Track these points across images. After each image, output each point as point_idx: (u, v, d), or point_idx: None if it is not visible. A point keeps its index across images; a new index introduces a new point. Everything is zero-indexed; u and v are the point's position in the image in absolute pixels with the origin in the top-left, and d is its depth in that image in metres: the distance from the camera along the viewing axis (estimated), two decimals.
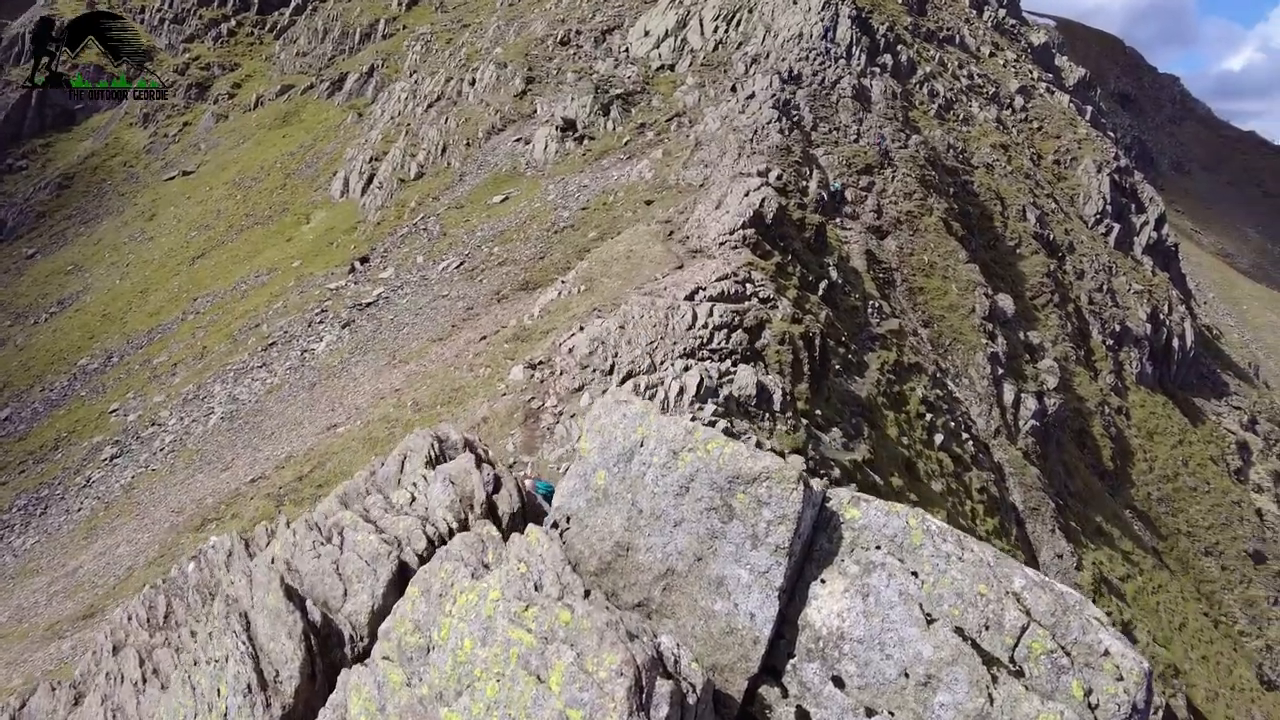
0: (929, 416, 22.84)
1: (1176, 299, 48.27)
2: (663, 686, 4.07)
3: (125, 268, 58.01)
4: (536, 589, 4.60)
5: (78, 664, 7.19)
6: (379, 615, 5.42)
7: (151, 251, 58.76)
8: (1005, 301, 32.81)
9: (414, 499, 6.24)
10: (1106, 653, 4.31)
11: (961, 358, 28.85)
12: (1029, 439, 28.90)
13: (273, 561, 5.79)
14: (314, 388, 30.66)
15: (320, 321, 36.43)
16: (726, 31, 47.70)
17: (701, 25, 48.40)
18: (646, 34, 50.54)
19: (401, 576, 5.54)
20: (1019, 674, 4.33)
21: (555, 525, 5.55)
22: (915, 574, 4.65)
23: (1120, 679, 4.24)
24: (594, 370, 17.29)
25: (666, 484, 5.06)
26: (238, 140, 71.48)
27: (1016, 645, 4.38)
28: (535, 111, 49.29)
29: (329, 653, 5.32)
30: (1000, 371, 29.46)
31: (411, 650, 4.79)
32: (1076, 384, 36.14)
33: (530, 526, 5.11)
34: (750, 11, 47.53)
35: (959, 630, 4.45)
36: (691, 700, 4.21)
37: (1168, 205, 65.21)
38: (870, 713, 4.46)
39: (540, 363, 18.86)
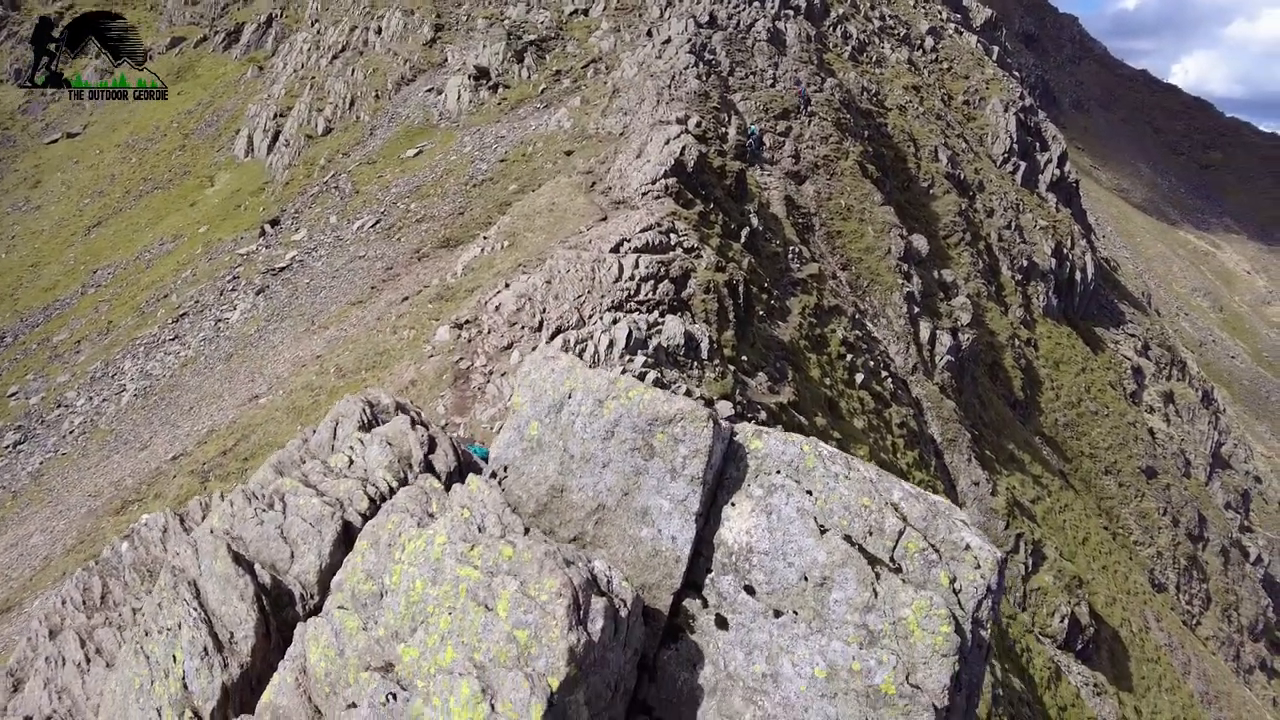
0: (849, 357, 23.63)
1: (1078, 234, 50.67)
2: (597, 603, 4.52)
3: (10, 240, 54.14)
4: (480, 530, 4.95)
5: (11, 654, 6.98)
6: (328, 573, 5.65)
7: (39, 222, 54.93)
8: (920, 242, 33.87)
9: (352, 462, 6.42)
10: (967, 547, 5.07)
11: (879, 298, 29.79)
12: (945, 374, 30.23)
13: (212, 532, 5.83)
14: (231, 358, 29.59)
15: (233, 289, 34.97)
16: None
17: None
18: None
19: (346, 536, 5.75)
20: (898, 570, 5.04)
21: (494, 475, 5.94)
22: (809, 492, 5.29)
23: (978, 567, 5.01)
24: (522, 327, 17.24)
25: (594, 430, 5.53)
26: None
27: (895, 546, 5.10)
28: (446, 60, 47.65)
29: (281, 611, 5.51)
30: (916, 310, 30.58)
31: (365, 597, 5.05)
32: (988, 319, 37.81)
33: (470, 476, 5.50)
34: None
35: (847, 538, 5.12)
36: (624, 614, 4.71)
37: (1069, 143, 67.93)
38: (778, 614, 5.07)
39: (466, 322, 18.66)
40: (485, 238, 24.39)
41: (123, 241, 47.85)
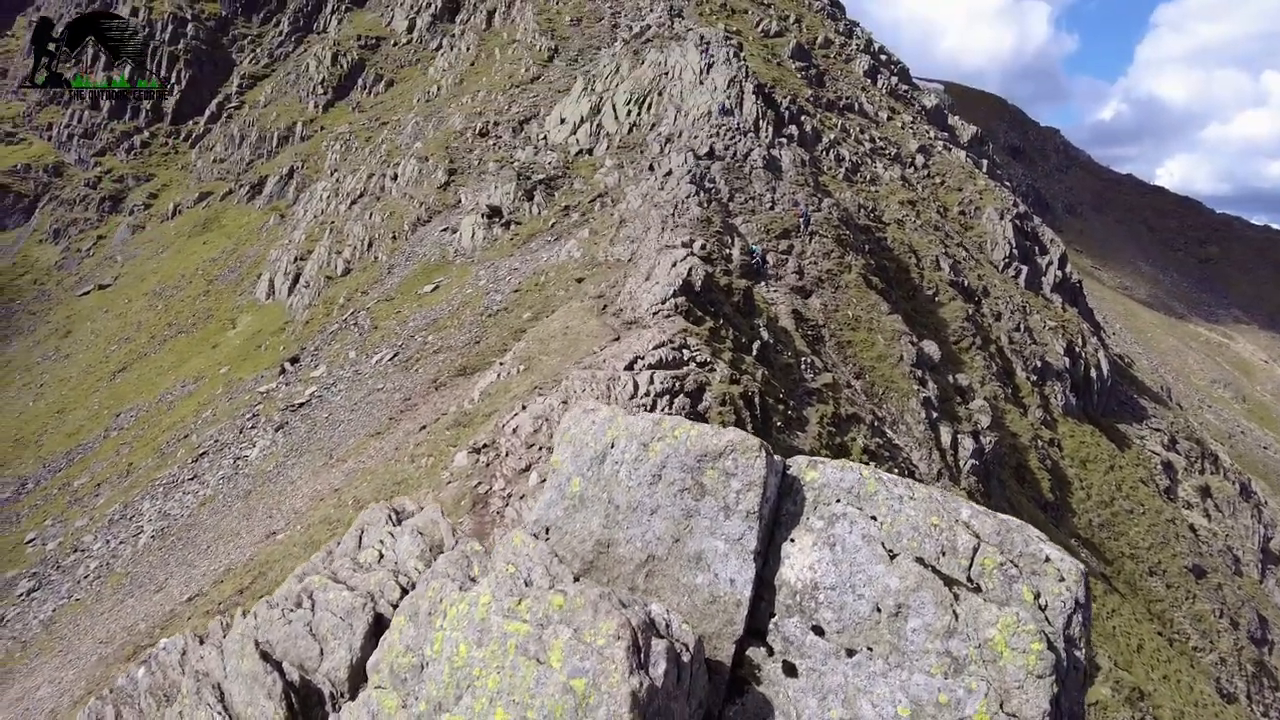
0: (872, 465, 23.32)
1: (1088, 331, 50.95)
2: (658, 645, 4.26)
3: (39, 388, 55.44)
4: (527, 584, 4.74)
5: None
6: (358, 669, 5.38)
7: (68, 369, 56.41)
8: (931, 347, 34.11)
9: (382, 555, 6.27)
10: (1048, 559, 4.77)
11: (896, 405, 29.70)
12: (971, 478, 29.67)
13: (241, 633, 5.66)
14: (249, 495, 29.52)
15: (252, 427, 35.34)
16: (639, 114, 49.67)
17: (615, 110, 50.31)
18: (563, 121, 52.23)
19: (378, 628, 5.55)
20: (976, 589, 4.73)
21: (535, 537, 5.76)
22: (874, 518, 5.02)
23: (1062, 579, 4.70)
24: (540, 449, 17.22)
25: (640, 476, 5.30)
26: (156, 250, 70.13)
27: (971, 564, 4.80)
28: (460, 201, 49.98)
29: (309, 711, 5.27)
30: (935, 415, 30.39)
31: (405, 672, 4.77)
32: (1008, 421, 37.47)
33: (513, 531, 5.31)
34: (660, 94, 49.71)
35: (919, 560, 4.83)
36: (686, 659, 4.44)
37: (1067, 246, 69.43)
38: (851, 652, 4.76)
39: (484, 446, 18.69)
40: (501, 363, 24.78)
41: (146, 385, 48.87)
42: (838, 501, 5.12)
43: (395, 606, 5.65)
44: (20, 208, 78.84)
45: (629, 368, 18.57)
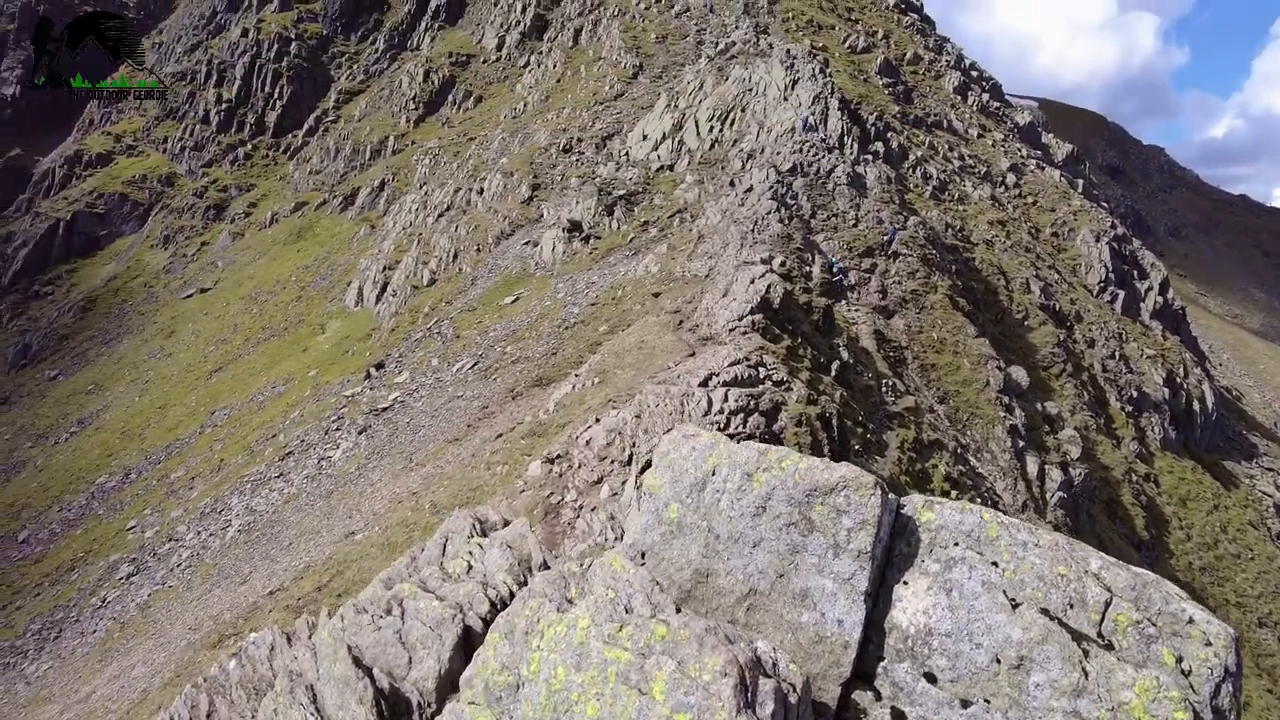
0: (954, 494, 22.45)
1: (1191, 361, 48.03)
2: (765, 685, 4.14)
3: (144, 385, 58.92)
4: (627, 611, 4.67)
5: None
6: (446, 680, 5.43)
7: (170, 368, 59.79)
8: (1019, 373, 32.72)
9: (470, 567, 6.31)
10: (1191, 620, 4.36)
11: (981, 432, 28.57)
12: (1058, 511, 28.24)
13: (331, 635, 5.83)
14: (331, 495, 30.54)
15: (337, 429, 36.62)
16: (721, 130, 49.62)
17: (697, 126, 50.40)
18: (645, 138, 52.62)
19: (467, 640, 5.59)
20: (1109, 647, 4.38)
21: (631, 561, 5.70)
22: (995, 564, 4.78)
23: (1209, 644, 4.29)
24: (612, 461, 17.22)
25: (742, 507, 5.17)
26: (254, 256, 73.79)
27: (1102, 620, 4.45)
28: (542, 216, 50.87)
29: (397, 718, 5.37)
30: (1021, 444, 29.10)
31: (500, 689, 4.73)
32: (1100, 453, 35.57)
33: (609, 554, 5.20)
34: (743, 110, 49.56)
35: (1044, 611, 4.53)
36: (793, 699, 4.32)
37: (1169, 270, 65.77)
38: (966, 704, 4.52)
39: (557, 457, 18.81)
40: (576, 375, 24.96)
41: (239, 385, 51.31)
42: (956, 545, 4.90)
43: (484, 620, 5.66)
44: (136, 215, 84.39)
45: (703, 384, 18.41)
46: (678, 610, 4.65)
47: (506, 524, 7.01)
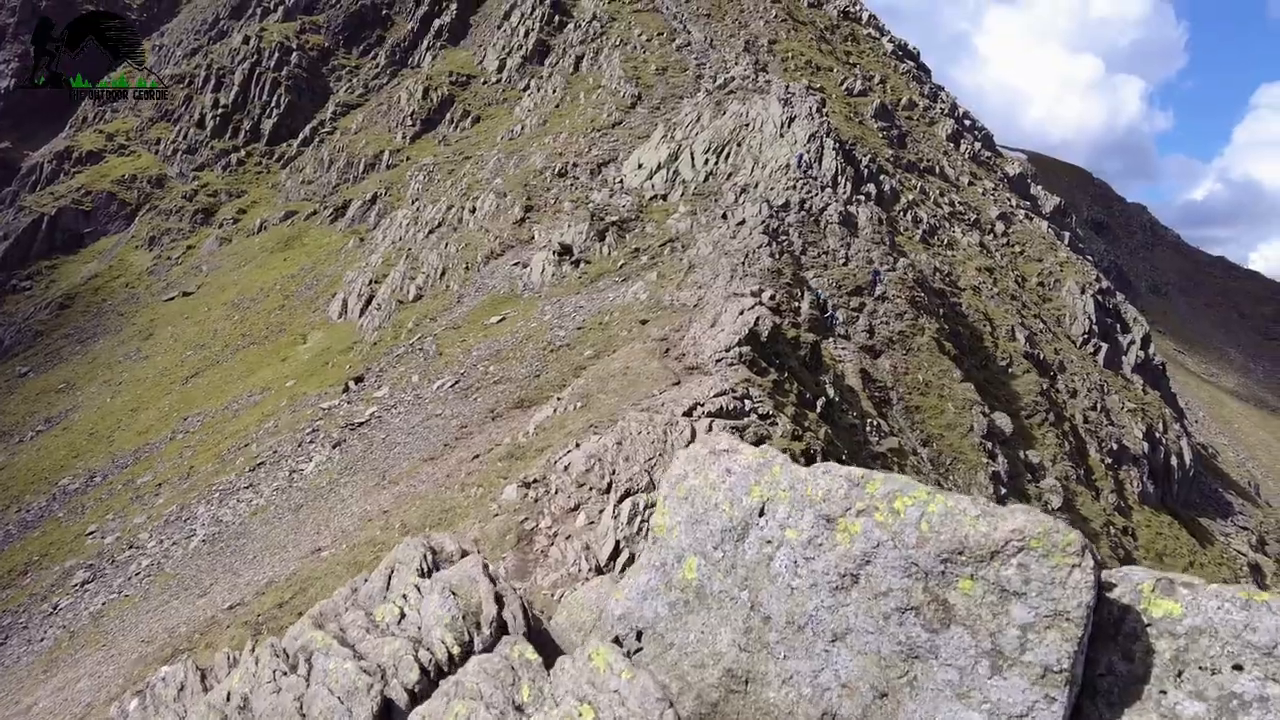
0: None
1: (1170, 417, 48.35)
2: None
3: (118, 386, 57.77)
4: None
5: None
6: None
7: (145, 370, 58.71)
8: (1002, 420, 32.70)
9: (403, 615, 5.01)
10: None
11: (963, 477, 28.40)
12: None
13: (228, 698, 4.65)
14: (300, 509, 29.77)
15: (311, 441, 35.87)
16: (717, 163, 49.88)
17: (692, 158, 50.65)
18: (640, 166, 52.81)
19: (386, 717, 4.32)
20: None
21: (617, 642, 3.71)
22: None
23: None
24: (590, 489, 16.80)
25: (816, 571, 3.21)
26: (239, 263, 73.06)
27: None
28: (533, 238, 50.72)
29: None
30: (1004, 491, 28.94)
31: None
32: (1079, 504, 35.49)
33: (594, 643, 3.47)
34: (739, 145, 49.90)
35: None
36: None
37: (1150, 327, 66.55)
38: None
39: (534, 481, 18.35)
40: (559, 399, 24.58)
41: (215, 391, 50.39)
42: (1236, 668, 2.74)
43: (410, 693, 4.31)
44: (123, 215, 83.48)
45: (688, 414, 18.10)
46: None
47: (465, 554, 6.15)
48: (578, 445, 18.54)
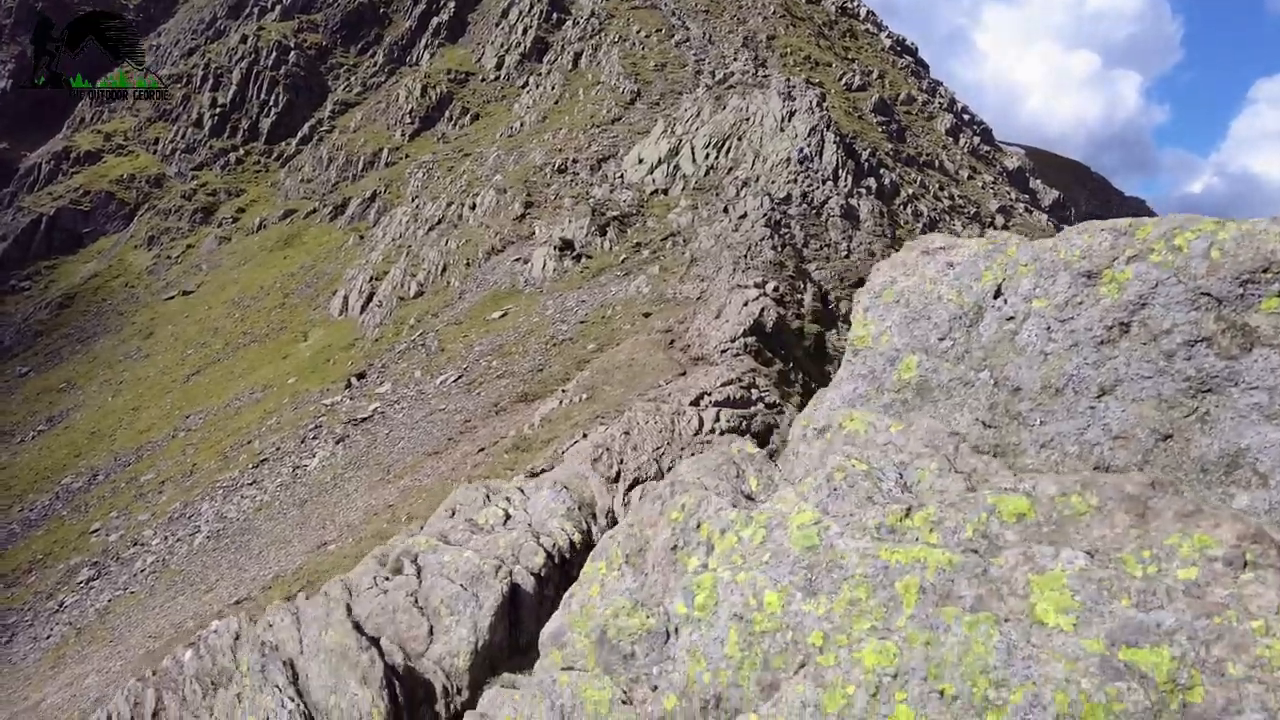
0: None
1: None
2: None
3: (118, 385, 57.73)
4: (906, 490, 2.77)
5: None
6: (484, 657, 3.90)
7: (146, 369, 58.67)
8: None
9: (509, 516, 4.76)
10: None
11: None
12: None
13: (325, 594, 4.40)
14: (305, 505, 29.79)
15: (314, 437, 35.88)
16: (717, 158, 49.88)
17: (693, 152, 50.64)
18: (640, 161, 52.80)
19: (514, 604, 4.08)
20: None
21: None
22: None
23: None
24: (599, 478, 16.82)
25: (1077, 330, 3.00)
26: (239, 261, 72.99)
27: None
28: (534, 233, 50.70)
29: (415, 709, 3.81)
30: None
31: (632, 641, 2.93)
32: None
33: (838, 411, 3.21)
34: (740, 139, 49.90)
35: None
36: None
37: None
38: None
39: (541, 471, 18.37)
40: (564, 391, 24.61)
41: (217, 389, 50.37)
42: None
43: (538, 578, 4.10)
44: (121, 214, 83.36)
45: (695, 403, 18.11)
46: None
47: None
48: (585, 435, 18.55)
